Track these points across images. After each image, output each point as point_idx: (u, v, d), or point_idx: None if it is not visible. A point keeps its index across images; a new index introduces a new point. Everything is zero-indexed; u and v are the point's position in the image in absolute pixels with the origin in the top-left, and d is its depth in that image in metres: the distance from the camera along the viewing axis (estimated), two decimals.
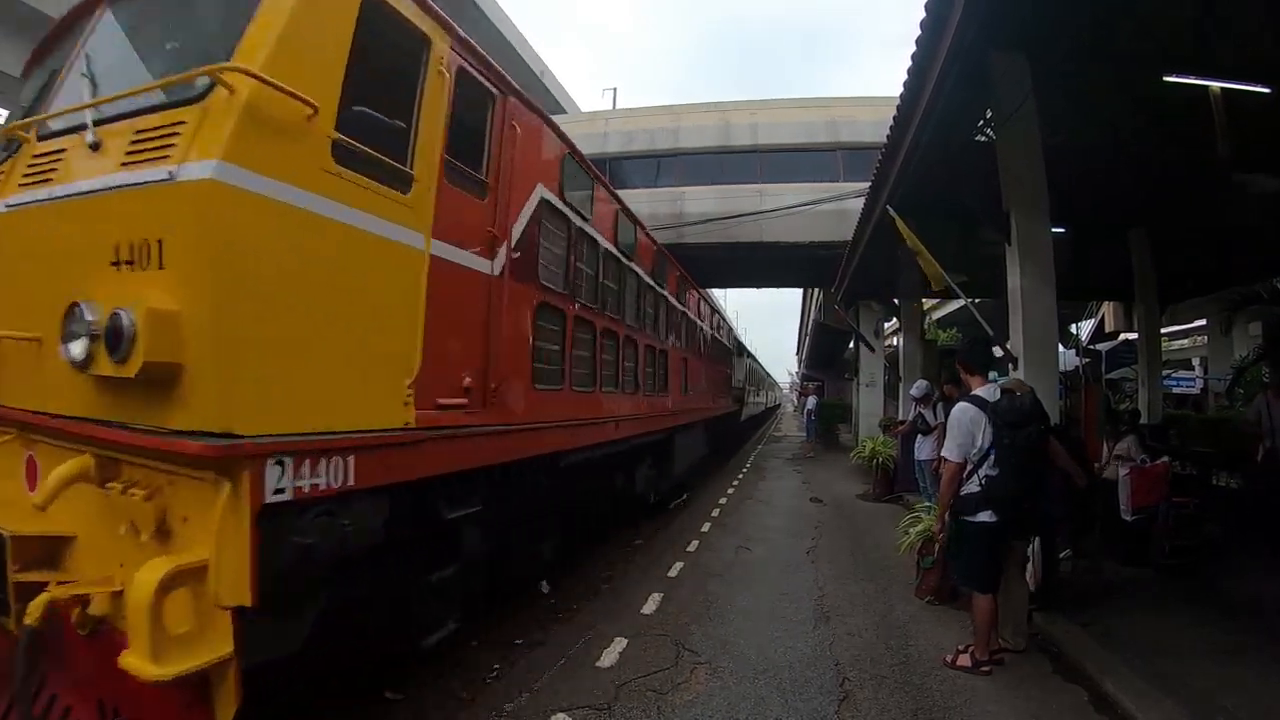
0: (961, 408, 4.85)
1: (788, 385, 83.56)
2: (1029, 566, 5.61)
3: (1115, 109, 6.97)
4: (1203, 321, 19.75)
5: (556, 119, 5.70)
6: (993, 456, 4.66)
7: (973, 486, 4.73)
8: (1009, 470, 4.59)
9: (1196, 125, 6.30)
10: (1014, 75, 6.13)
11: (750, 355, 28.38)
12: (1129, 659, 4.67)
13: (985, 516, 4.65)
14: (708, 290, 18.83)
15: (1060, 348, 9.34)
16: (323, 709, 3.89)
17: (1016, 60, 6.11)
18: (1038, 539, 5.59)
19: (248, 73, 2.75)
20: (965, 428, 4.74)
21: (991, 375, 5.22)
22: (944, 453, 4.93)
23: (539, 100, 5.22)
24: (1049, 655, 5.01)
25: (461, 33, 4.14)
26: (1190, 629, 5.39)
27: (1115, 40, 5.94)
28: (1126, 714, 4.03)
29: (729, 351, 19.86)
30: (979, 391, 4.88)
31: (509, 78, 4.72)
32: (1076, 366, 12.85)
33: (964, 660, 4.73)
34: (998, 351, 6.12)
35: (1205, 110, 6.03)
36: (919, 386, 10.55)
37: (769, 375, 55.29)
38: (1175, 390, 21.23)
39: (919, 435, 10.07)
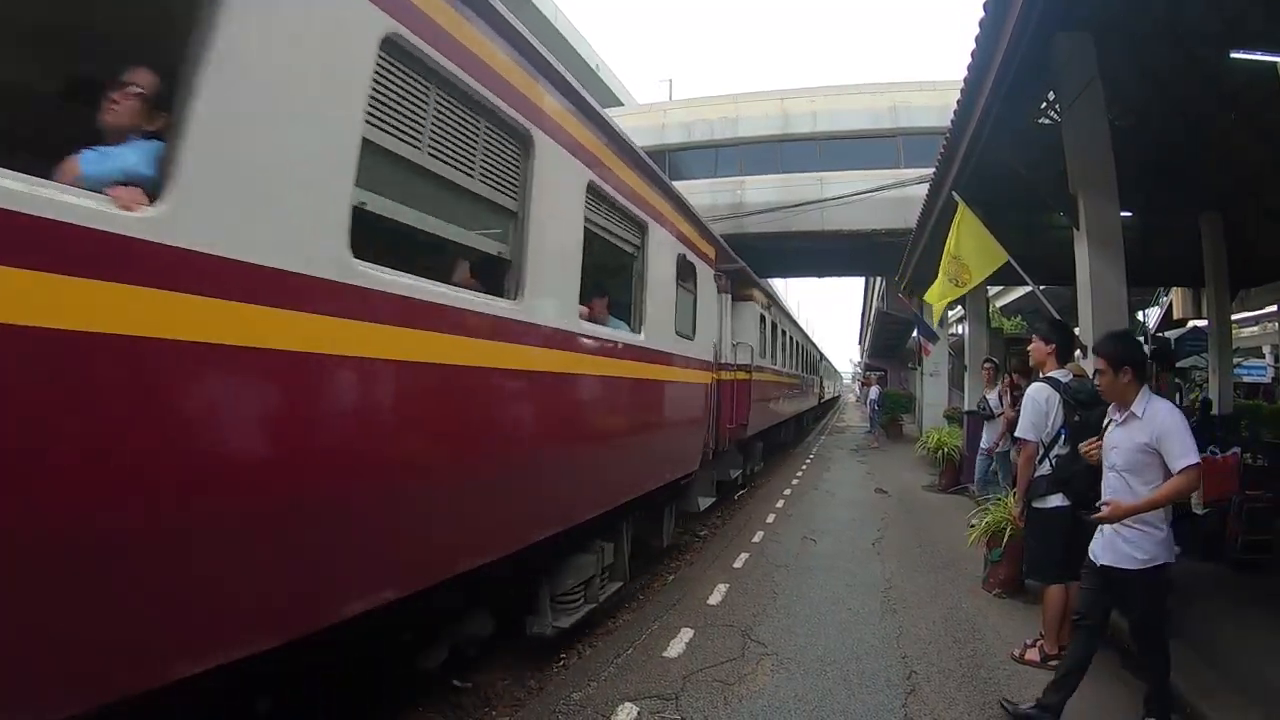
0: (1037, 387, 4.86)
1: (849, 375, 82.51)
2: None
3: (1184, 89, 6.75)
4: (1274, 308, 18.88)
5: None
6: (1063, 436, 4.65)
7: (1043, 469, 4.73)
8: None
9: (1271, 105, 6.08)
10: (1080, 56, 6.01)
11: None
12: (1199, 655, 4.58)
13: (1057, 501, 4.63)
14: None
15: None
16: (390, 696, 4.01)
17: (1082, 40, 5.98)
18: None
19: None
20: (1040, 407, 4.75)
21: None
22: (1018, 433, 4.91)
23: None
24: (1117, 650, 4.92)
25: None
26: (1263, 626, 5.24)
27: (1182, 16, 5.76)
28: (1196, 712, 3.96)
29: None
30: (1053, 373, 4.86)
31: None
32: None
33: (1033, 654, 4.69)
34: (1079, 355, 6.01)
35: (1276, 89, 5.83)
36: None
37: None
38: (1245, 379, 20.46)
39: (984, 424, 9.89)
